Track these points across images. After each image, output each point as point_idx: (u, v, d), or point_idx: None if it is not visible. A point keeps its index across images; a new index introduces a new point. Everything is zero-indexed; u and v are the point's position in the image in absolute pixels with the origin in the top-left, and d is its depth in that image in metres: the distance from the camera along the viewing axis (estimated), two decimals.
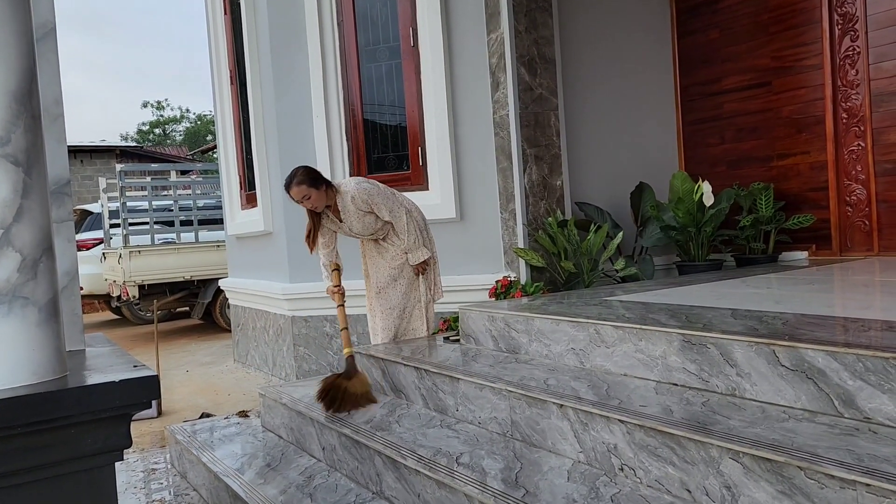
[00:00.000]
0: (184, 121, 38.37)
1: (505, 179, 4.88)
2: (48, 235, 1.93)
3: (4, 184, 1.83)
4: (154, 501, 3.46)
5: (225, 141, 6.90)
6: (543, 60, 4.91)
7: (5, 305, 1.81)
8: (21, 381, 1.82)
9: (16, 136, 1.85)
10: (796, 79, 5.12)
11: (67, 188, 2.44)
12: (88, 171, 18.92)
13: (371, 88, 5.36)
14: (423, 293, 4.04)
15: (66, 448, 1.84)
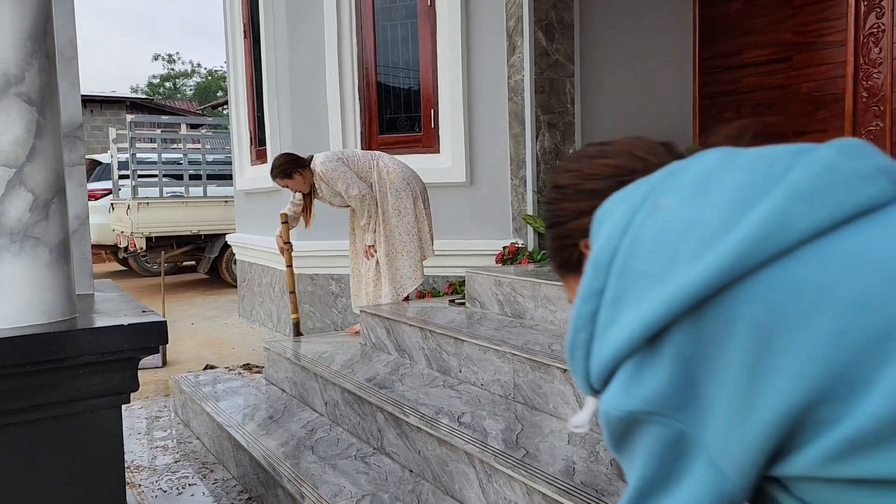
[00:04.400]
0: (195, 75, 38.14)
1: (517, 145, 4.84)
2: (60, 177, 1.94)
3: (18, 122, 1.83)
4: (157, 447, 3.52)
5: (236, 96, 6.85)
6: (561, 25, 4.83)
7: (17, 244, 1.82)
8: (31, 320, 1.84)
9: (30, 75, 1.85)
10: (818, 55, 5.04)
11: (80, 132, 2.44)
12: (98, 122, 18.88)
13: (385, 47, 5.30)
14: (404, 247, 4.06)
15: (74, 388, 1.87)
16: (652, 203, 0.71)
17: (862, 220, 0.62)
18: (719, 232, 0.63)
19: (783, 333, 0.59)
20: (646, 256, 0.67)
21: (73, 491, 1.91)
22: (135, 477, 3.10)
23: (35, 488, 1.85)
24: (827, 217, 0.62)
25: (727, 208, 0.64)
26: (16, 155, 1.83)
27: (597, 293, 0.70)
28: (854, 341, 0.57)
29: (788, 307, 0.60)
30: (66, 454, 1.90)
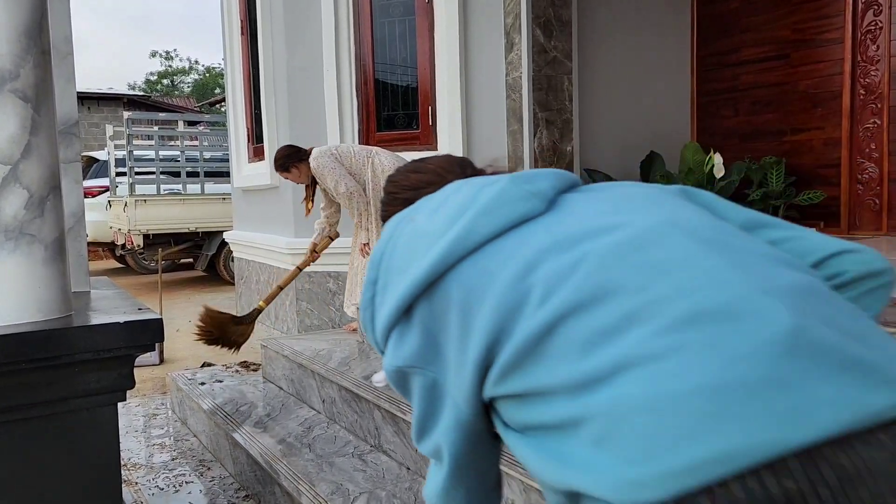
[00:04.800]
0: (192, 72, 38.09)
1: (515, 143, 4.84)
2: (56, 174, 1.93)
3: (13, 119, 1.82)
4: (154, 445, 3.52)
5: (234, 92, 6.84)
6: (559, 22, 4.83)
7: (12, 242, 1.82)
8: (26, 317, 1.84)
9: (25, 72, 1.84)
10: (815, 52, 5.04)
11: (76, 128, 2.44)
12: (95, 119, 18.84)
13: (383, 44, 5.30)
14: None
15: (70, 386, 1.87)
16: (409, 218, 0.99)
17: (520, 227, 0.89)
18: (438, 237, 0.90)
19: (474, 303, 0.85)
20: (399, 256, 0.95)
21: (69, 489, 1.90)
22: (132, 475, 3.10)
23: (31, 486, 1.85)
24: (498, 226, 0.89)
25: (445, 222, 0.91)
26: (11, 152, 1.83)
27: (372, 283, 0.98)
28: (511, 302, 0.82)
29: (475, 286, 0.86)
30: (62, 452, 1.90)
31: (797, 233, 0.98)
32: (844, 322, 0.75)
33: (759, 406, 0.65)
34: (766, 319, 0.71)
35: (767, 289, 0.75)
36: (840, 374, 0.67)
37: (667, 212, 0.88)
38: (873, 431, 0.66)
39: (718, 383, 0.67)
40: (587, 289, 0.79)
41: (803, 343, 0.69)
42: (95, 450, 1.93)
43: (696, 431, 0.65)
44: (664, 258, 0.80)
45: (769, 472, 0.63)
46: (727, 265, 0.78)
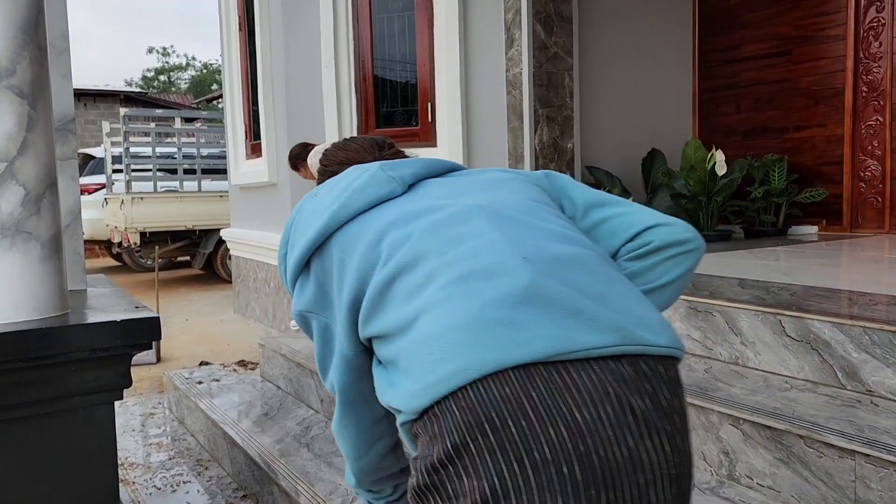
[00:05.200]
0: (189, 69, 37.99)
1: (515, 140, 4.82)
2: (52, 171, 1.90)
3: (9, 116, 1.79)
4: (152, 444, 3.50)
5: (231, 89, 6.81)
6: (560, 18, 4.80)
7: (8, 239, 1.79)
8: (22, 316, 1.81)
9: (21, 68, 1.81)
10: (817, 49, 5.02)
11: (72, 125, 2.41)
12: (91, 115, 18.78)
13: (382, 40, 5.27)
14: None
15: (67, 385, 1.84)
16: (314, 194, 1.24)
17: (382, 204, 1.13)
18: (326, 209, 1.14)
19: (346, 261, 1.09)
20: (303, 222, 1.19)
21: (65, 488, 1.88)
22: (129, 474, 3.08)
23: (27, 485, 1.83)
24: (365, 203, 1.13)
25: (331, 198, 1.16)
26: (7, 149, 1.80)
27: (285, 243, 1.24)
28: (368, 262, 1.06)
29: (348, 248, 1.10)
30: (58, 451, 1.87)
31: (626, 209, 1.20)
32: (587, 284, 0.96)
33: (490, 337, 0.89)
34: (512, 278, 0.94)
35: (527, 256, 0.98)
36: (562, 319, 0.90)
37: (488, 197, 1.12)
38: (589, 361, 0.88)
39: (467, 322, 0.91)
40: (411, 254, 1.03)
41: (536, 296, 0.92)
42: (92, 449, 1.91)
43: (448, 355, 0.89)
44: (463, 233, 1.03)
45: (493, 379, 0.86)
46: (504, 238, 1.01)
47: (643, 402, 0.88)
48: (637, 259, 1.14)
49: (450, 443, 0.86)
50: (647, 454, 0.86)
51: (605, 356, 0.89)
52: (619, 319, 0.93)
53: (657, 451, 0.87)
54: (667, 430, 0.88)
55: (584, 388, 0.86)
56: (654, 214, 1.18)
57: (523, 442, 0.83)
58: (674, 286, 1.16)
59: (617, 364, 0.89)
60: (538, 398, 0.85)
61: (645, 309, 0.98)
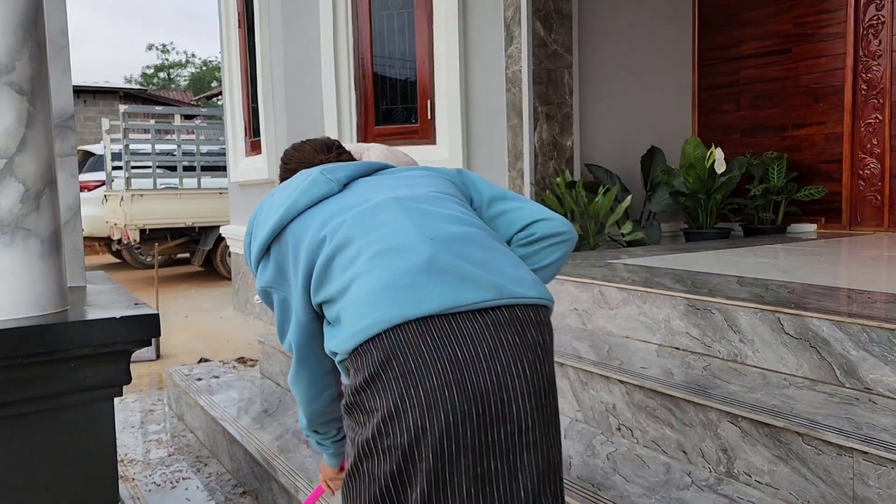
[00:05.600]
0: (189, 66, 37.94)
1: (514, 137, 4.82)
2: (51, 168, 1.90)
3: (8, 112, 1.79)
4: (151, 441, 3.50)
5: (231, 86, 6.80)
6: (560, 15, 4.80)
7: (7, 236, 1.79)
8: (22, 312, 1.82)
9: (20, 64, 1.81)
10: (817, 47, 5.01)
11: (71, 122, 2.41)
12: (91, 112, 18.75)
13: (382, 37, 5.26)
14: None
15: (66, 381, 1.85)
16: (271, 193, 1.51)
17: (324, 201, 1.43)
18: (280, 206, 1.43)
19: (300, 246, 1.36)
20: (262, 216, 1.47)
21: (65, 484, 1.89)
22: (128, 470, 3.08)
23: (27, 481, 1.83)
24: (310, 200, 1.43)
25: (284, 197, 1.45)
26: (6, 145, 1.80)
27: (249, 233, 1.50)
28: (315, 244, 1.34)
29: (300, 235, 1.38)
30: (58, 447, 1.88)
31: (520, 204, 1.51)
32: (474, 255, 1.27)
33: (399, 297, 1.19)
34: (416, 253, 1.24)
35: (428, 236, 1.27)
36: (453, 282, 1.21)
37: (403, 192, 1.42)
38: (473, 312, 1.20)
39: (383, 287, 1.21)
40: (344, 237, 1.33)
41: (433, 266, 1.22)
42: (92, 445, 1.91)
43: (369, 312, 1.20)
44: (382, 220, 1.33)
45: (399, 328, 1.17)
46: (411, 224, 1.31)
47: (513, 338, 1.20)
48: (525, 246, 1.47)
49: (367, 373, 1.18)
50: (510, 378, 1.18)
51: (486, 308, 1.21)
52: (497, 280, 1.24)
53: (519, 375, 1.19)
54: (528, 359, 1.21)
55: (466, 333, 1.19)
56: (539, 210, 1.50)
57: (418, 373, 1.15)
58: (553, 266, 1.51)
59: (496, 312, 1.22)
60: (430, 341, 1.17)
61: (520, 271, 1.30)
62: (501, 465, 1.17)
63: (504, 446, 1.17)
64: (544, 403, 1.21)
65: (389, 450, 1.15)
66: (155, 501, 2.83)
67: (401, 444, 1.14)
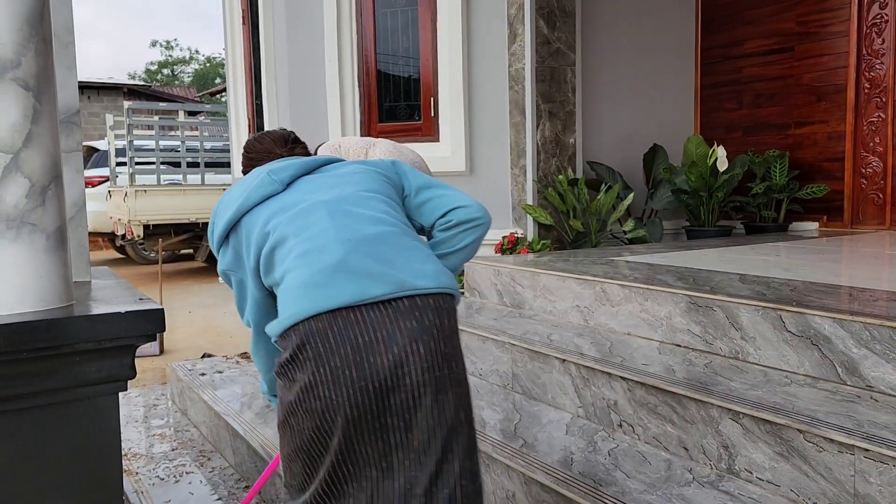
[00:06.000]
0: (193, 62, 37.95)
1: (517, 134, 4.82)
2: (57, 163, 1.91)
3: (14, 108, 1.80)
4: (154, 435, 3.51)
5: (235, 83, 6.81)
6: (563, 13, 4.80)
7: (13, 231, 1.80)
8: (27, 307, 1.83)
9: (26, 60, 1.82)
10: (820, 45, 5.01)
11: (77, 118, 2.41)
12: (95, 108, 18.77)
13: (385, 34, 5.27)
14: None
15: (71, 375, 1.85)
16: (231, 188, 1.74)
17: (270, 198, 1.65)
18: (235, 201, 1.67)
19: (251, 236, 1.61)
20: (222, 208, 1.71)
21: (69, 478, 1.90)
22: (132, 465, 3.10)
23: (31, 475, 1.84)
24: (259, 198, 1.65)
25: (239, 193, 1.69)
26: (12, 140, 1.81)
27: (212, 223, 1.73)
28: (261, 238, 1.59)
29: (251, 228, 1.62)
30: (62, 441, 1.89)
31: (443, 192, 1.74)
32: (383, 254, 1.49)
33: (314, 293, 1.45)
34: (332, 254, 1.49)
35: (344, 239, 1.51)
36: (360, 280, 1.45)
37: (333, 193, 1.64)
38: (376, 304, 1.43)
39: (304, 283, 1.47)
40: (281, 234, 1.58)
41: (344, 266, 1.47)
42: (96, 439, 1.92)
43: (292, 304, 1.47)
44: (310, 221, 1.57)
45: (313, 319, 1.43)
46: (332, 226, 1.54)
47: (411, 323, 1.44)
48: (444, 231, 1.71)
49: (290, 353, 1.47)
50: (406, 356, 1.42)
51: (388, 299, 1.45)
52: (400, 276, 1.48)
53: (415, 353, 1.42)
54: (424, 339, 1.44)
55: (368, 321, 1.43)
56: (458, 198, 1.73)
57: (326, 355, 1.42)
58: (468, 249, 1.74)
59: (397, 303, 1.45)
60: (337, 329, 1.43)
61: (425, 265, 1.53)
62: (398, 421, 1.44)
63: (400, 408, 1.43)
64: (438, 375, 1.46)
65: (308, 411, 1.46)
66: (158, 495, 2.85)
67: (317, 409, 1.45)
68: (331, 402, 1.42)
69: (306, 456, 1.52)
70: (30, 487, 1.85)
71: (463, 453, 1.48)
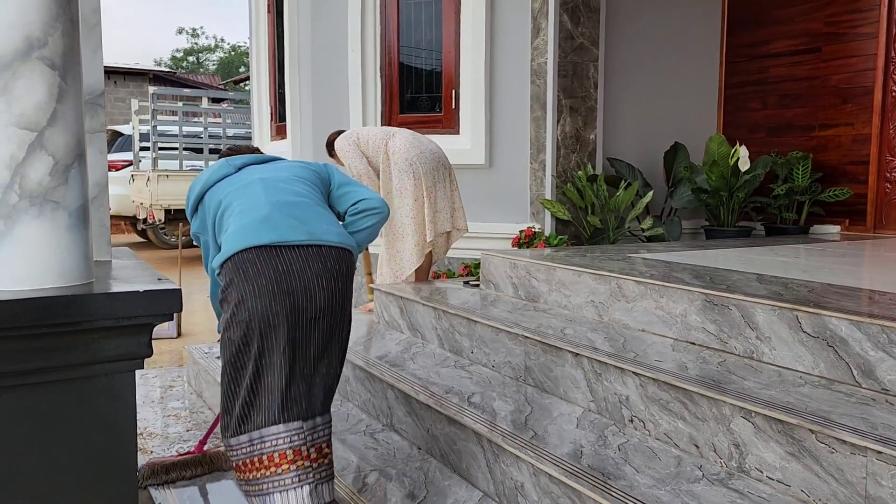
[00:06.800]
0: (218, 50, 38.17)
1: (537, 129, 4.81)
2: (81, 142, 1.94)
3: (40, 87, 1.83)
4: (170, 416, 3.56)
5: (258, 70, 6.85)
6: (588, 9, 4.77)
7: (36, 208, 1.83)
8: (48, 283, 1.85)
9: (53, 39, 1.84)
10: (848, 46, 4.94)
11: (101, 99, 2.44)
12: (121, 93, 18.96)
13: (409, 25, 5.27)
14: None
15: (89, 352, 1.88)
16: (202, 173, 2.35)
17: (224, 178, 2.25)
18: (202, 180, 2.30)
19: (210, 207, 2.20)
20: (193, 185, 2.31)
21: (85, 454, 1.93)
22: (147, 444, 3.14)
23: (47, 449, 1.88)
24: (218, 177, 2.26)
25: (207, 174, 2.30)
26: (37, 119, 1.83)
27: (188, 198, 2.33)
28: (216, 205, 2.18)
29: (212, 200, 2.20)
30: (79, 416, 1.91)
31: (356, 188, 2.31)
32: (300, 214, 2.03)
33: (247, 235, 1.96)
34: (261, 210, 2.02)
35: (272, 201, 2.05)
36: (281, 228, 1.97)
37: (270, 175, 2.19)
38: (292, 246, 1.96)
39: (241, 228, 1.99)
40: (229, 201, 2.11)
41: (270, 218, 1.99)
42: (112, 416, 1.95)
43: (231, 243, 1.98)
44: (250, 191, 2.10)
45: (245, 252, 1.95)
46: (265, 194, 2.08)
47: (318, 264, 1.97)
48: (353, 215, 2.25)
49: (227, 279, 1.98)
50: (313, 285, 1.95)
51: (301, 245, 1.97)
52: (311, 229, 2.01)
53: (319, 285, 1.96)
54: (326, 277, 1.97)
55: (285, 257, 1.95)
56: (365, 192, 2.29)
57: (254, 276, 1.93)
58: (370, 230, 2.26)
59: (307, 248, 1.98)
60: (262, 259, 1.94)
61: (330, 227, 2.08)
62: (305, 332, 1.95)
63: (307, 322, 1.95)
64: (334, 304, 1.99)
65: (238, 323, 1.94)
66: None
67: (244, 318, 1.93)
68: (255, 312, 1.91)
69: (233, 369, 1.98)
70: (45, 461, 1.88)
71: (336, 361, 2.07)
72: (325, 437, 2.04)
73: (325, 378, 2.01)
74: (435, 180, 4.00)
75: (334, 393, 2.10)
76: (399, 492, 2.30)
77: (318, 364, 1.98)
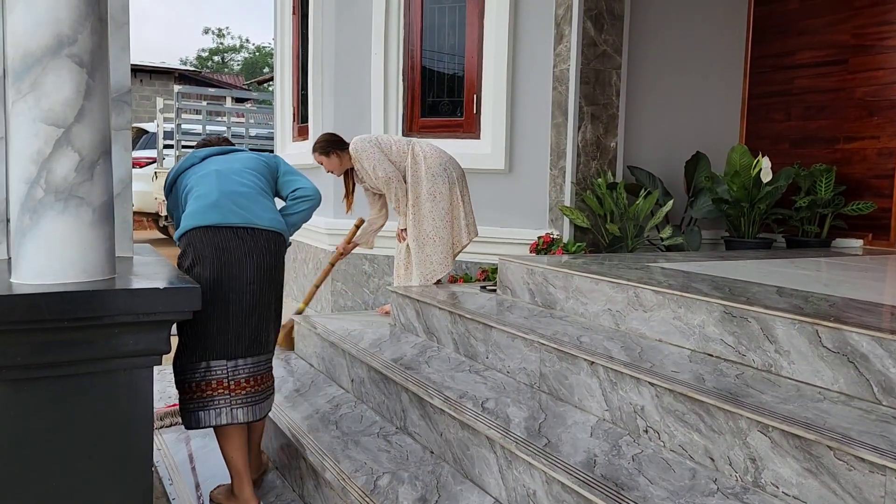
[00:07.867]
0: (243, 51, 38.50)
1: (558, 135, 4.80)
2: (106, 139, 1.97)
3: (68, 84, 1.86)
4: None
5: (282, 72, 6.90)
6: (611, 16, 4.76)
7: (61, 203, 1.86)
8: (71, 277, 1.88)
9: (82, 37, 1.87)
10: (875, 59, 4.88)
11: (127, 97, 2.48)
12: (147, 92, 19.18)
13: (432, 29, 5.28)
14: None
15: (109, 346, 1.91)
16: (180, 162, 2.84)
17: (192, 166, 2.73)
18: (175, 167, 2.79)
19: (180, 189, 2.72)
20: (171, 172, 2.79)
21: (101, 445, 1.95)
22: (162, 439, 3.16)
23: (66, 440, 1.90)
24: (187, 165, 2.75)
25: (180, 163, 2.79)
26: (65, 115, 1.86)
27: (166, 176, 2.88)
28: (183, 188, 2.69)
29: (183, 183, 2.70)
30: (98, 409, 1.94)
31: (297, 177, 2.84)
32: (243, 202, 2.55)
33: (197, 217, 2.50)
34: (211, 197, 2.53)
35: (221, 190, 2.55)
36: (225, 213, 2.50)
37: (225, 167, 2.65)
38: (232, 228, 2.49)
39: (195, 210, 2.52)
40: (191, 186, 2.62)
41: (217, 205, 2.51)
42: (130, 409, 1.97)
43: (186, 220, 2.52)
44: (206, 180, 2.60)
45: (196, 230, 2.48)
46: (217, 183, 2.58)
47: (250, 242, 2.49)
48: (292, 200, 2.76)
49: (182, 248, 2.48)
50: (245, 259, 2.47)
51: (239, 227, 2.48)
52: (248, 215, 2.51)
53: (251, 260, 2.48)
54: (256, 253, 2.49)
55: (226, 236, 2.46)
56: (303, 182, 2.82)
57: (201, 249, 2.44)
58: (304, 212, 2.80)
59: (244, 230, 2.49)
60: (208, 237, 2.45)
61: (267, 213, 2.57)
62: (235, 297, 2.45)
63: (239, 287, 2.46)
64: (264, 277, 2.52)
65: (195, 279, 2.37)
66: (186, 472, 2.91)
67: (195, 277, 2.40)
68: (200, 276, 2.40)
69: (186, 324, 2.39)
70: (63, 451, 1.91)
71: (271, 326, 2.61)
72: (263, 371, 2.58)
73: (255, 330, 2.51)
74: (463, 185, 4.04)
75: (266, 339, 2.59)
76: (411, 495, 2.30)
77: (249, 319, 2.49)
